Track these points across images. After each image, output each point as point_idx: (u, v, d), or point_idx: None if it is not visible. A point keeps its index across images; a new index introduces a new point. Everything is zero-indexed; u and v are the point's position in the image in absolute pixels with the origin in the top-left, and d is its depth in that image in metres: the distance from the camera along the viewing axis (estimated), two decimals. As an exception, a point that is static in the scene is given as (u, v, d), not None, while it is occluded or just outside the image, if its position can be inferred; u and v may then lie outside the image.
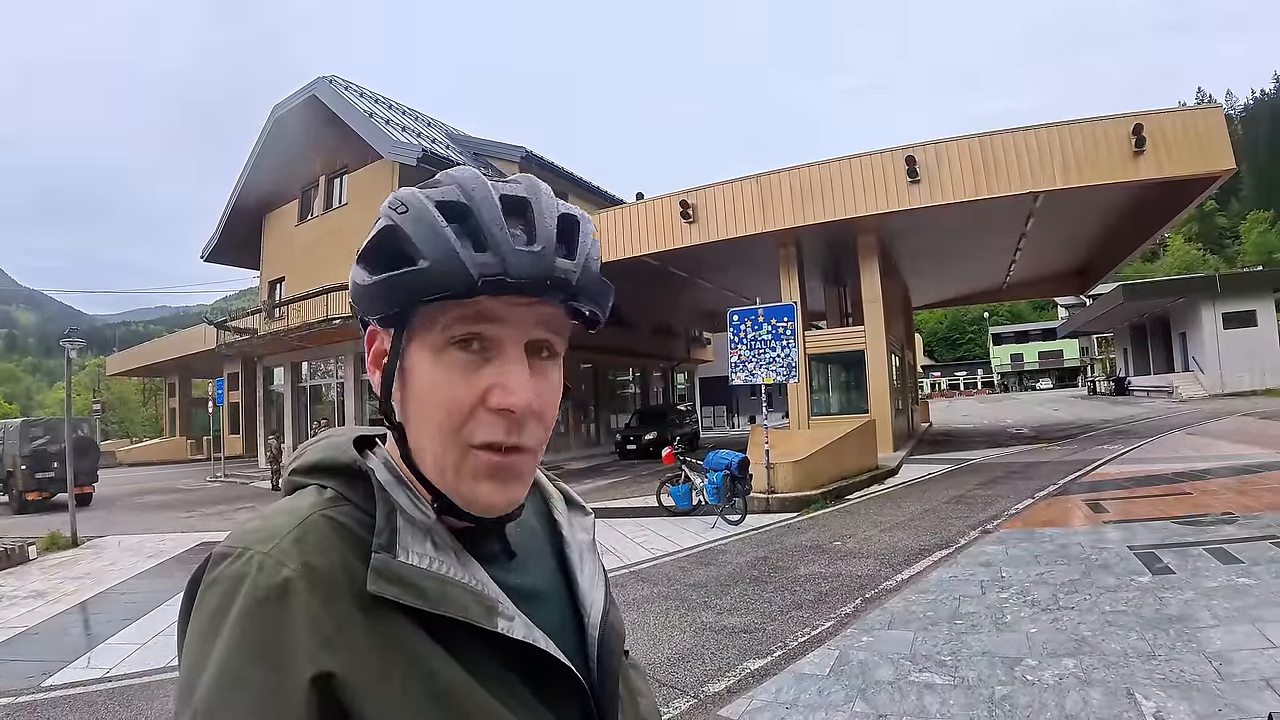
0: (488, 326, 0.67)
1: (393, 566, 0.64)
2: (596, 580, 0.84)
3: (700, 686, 4.66)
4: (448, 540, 0.70)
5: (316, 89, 24.63)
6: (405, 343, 0.69)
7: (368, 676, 0.60)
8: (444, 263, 0.65)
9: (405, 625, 0.63)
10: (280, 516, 0.67)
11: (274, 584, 0.60)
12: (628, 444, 25.45)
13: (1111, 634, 4.78)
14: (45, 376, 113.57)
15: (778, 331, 12.99)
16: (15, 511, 18.65)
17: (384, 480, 0.71)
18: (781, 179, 17.67)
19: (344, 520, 0.68)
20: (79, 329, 15.67)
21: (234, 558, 0.63)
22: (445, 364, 0.67)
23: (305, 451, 0.78)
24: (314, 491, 0.72)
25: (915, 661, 4.63)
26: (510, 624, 0.67)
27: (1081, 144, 14.97)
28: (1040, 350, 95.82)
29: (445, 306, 0.66)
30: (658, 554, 9.02)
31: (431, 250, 0.65)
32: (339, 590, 0.62)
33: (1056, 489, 11.31)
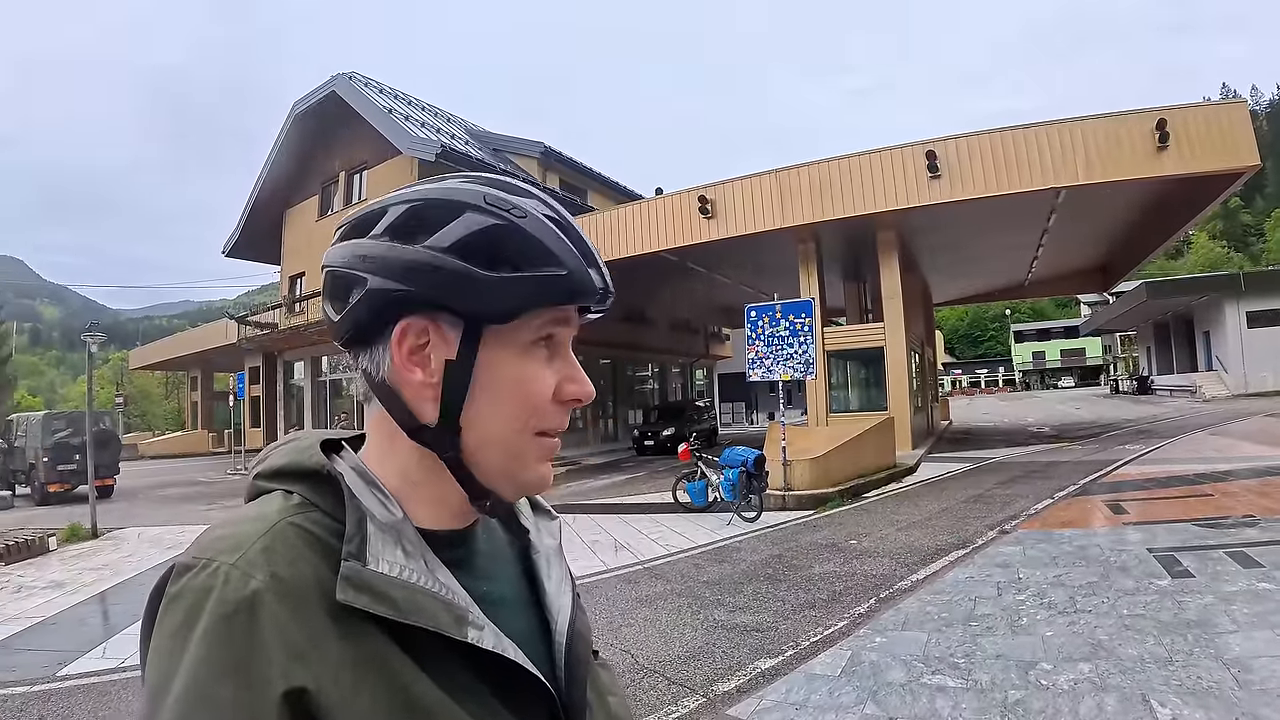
0: (564, 329, 0.73)
1: (363, 575, 0.63)
2: (563, 586, 0.83)
3: (710, 685, 4.63)
4: (418, 546, 0.68)
5: (336, 85, 24.76)
6: (483, 339, 0.69)
7: (340, 690, 0.58)
8: (579, 272, 0.69)
9: (376, 635, 0.62)
10: (246, 524, 0.65)
11: (241, 597, 0.58)
12: (645, 440, 25.43)
13: (1128, 638, 4.72)
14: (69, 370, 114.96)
15: (796, 328, 12.92)
16: (37, 503, 18.91)
17: (353, 484, 0.69)
18: (800, 174, 17.57)
19: (312, 528, 0.66)
20: (101, 323, 15.82)
21: (199, 569, 0.60)
22: (533, 359, 0.71)
23: (270, 455, 0.76)
24: (280, 497, 0.70)
25: (928, 663, 4.59)
26: (480, 633, 0.66)
27: (1104, 139, 14.77)
28: (1062, 348, 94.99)
29: (543, 310, 0.70)
30: (672, 550, 9.01)
31: (566, 259, 0.69)
32: (309, 601, 0.61)
33: (1076, 489, 11.19)
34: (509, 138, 29.82)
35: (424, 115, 27.23)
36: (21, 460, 20.22)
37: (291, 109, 26.95)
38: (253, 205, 29.80)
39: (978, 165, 15.53)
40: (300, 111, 26.51)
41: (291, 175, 28.72)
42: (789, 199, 17.61)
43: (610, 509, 12.97)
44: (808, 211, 17.41)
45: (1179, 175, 14.76)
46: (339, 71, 25.12)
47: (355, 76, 25.23)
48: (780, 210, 17.72)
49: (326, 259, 0.73)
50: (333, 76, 25.10)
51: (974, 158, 15.57)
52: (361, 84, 25.02)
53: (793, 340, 12.92)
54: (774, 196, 17.82)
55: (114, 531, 13.05)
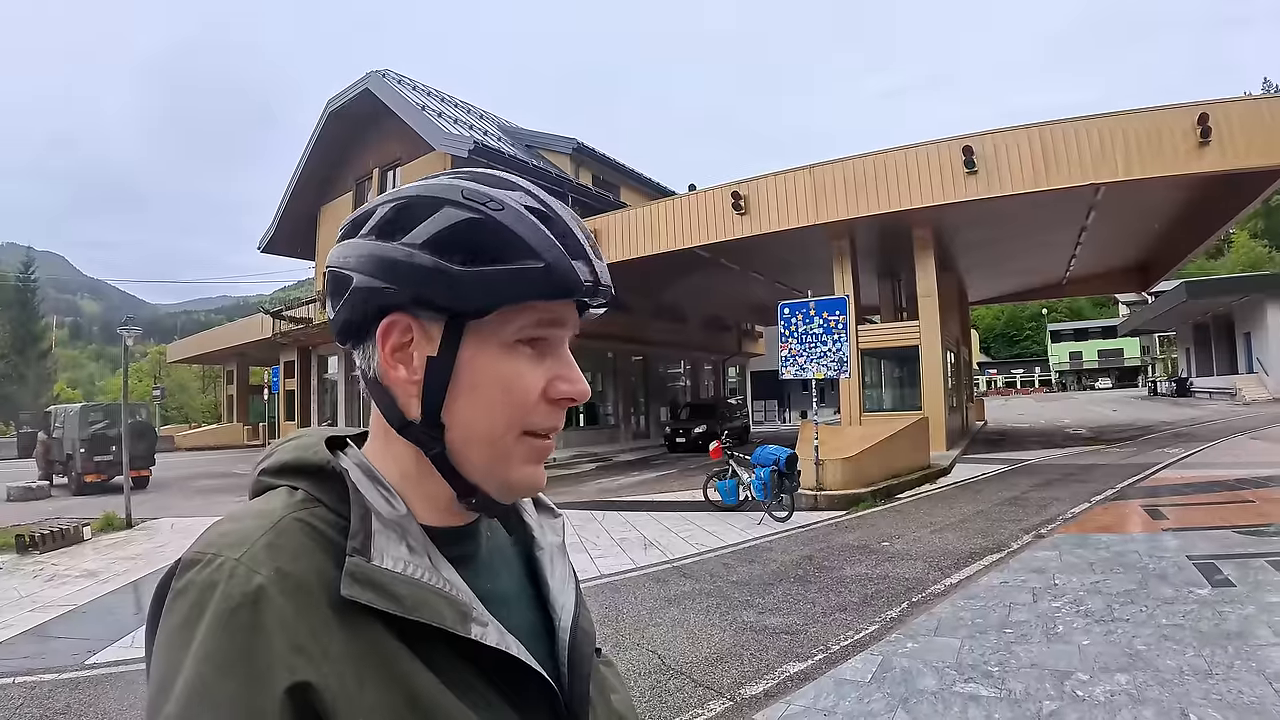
0: (556, 328, 0.71)
1: (367, 570, 0.63)
2: (567, 583, 0.83)
3: (737, 689, 4.60)
4: (422, 542, 0.69)
5: (369, 83, 24.93)
6: (464, 337, 0.69)
7: (343, 684, 0.58)
8: (558, 264, 0.67)
9: (380, 631, 0.62)
10: (251, 520, 0.65)
11: (246, 591, 0.58)
12: (677, 437, 25.47)
13: (1167, 649, 4.60)
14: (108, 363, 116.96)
15: (829, 325, 12.82)
16: (74, 493, 19.26)
17: (358, 481, 0.70)
18: (834, 170, 17.43)
19: (316, 523, 0.67)
20: (137, 318, 16.07)
21: (204, 564, 0.61)
22: (517, 359, 0.69)
23: (275, 451, 0.76)
24: (285, 493, 0.70)
25: (961, 671, 4.51)
26: (484, 630, 0.67)
27: (1144, 134, 14.44)
28: (1100, 348, 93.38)
29: (526, 306, 0.68)
30: (702, 549, 8.98)
31: (546, 252, 0.67)
32: (313, 596, 0.61)
33: (1114, 493, 10.99)
34: (542, 134, 29.90)
35: (456, 112, 27.36)
36: (59, 451, 20.67)
37: (326, 106, 27.20)
38: (288, 202, 30.15)
39: (1015, 161, 15.26)
40: (334, 109, 26.74)
41: (326, 172, 29.02)
42: (823, 195, 17.48)
43: (640, 506, 12.98)
44: (842, 208, 17.26)
45: (1220, 172, 14.42)
46: (372, 69, 25.27)
47: (389, 74, 25.39)
48: (814, 206, 17.59)
49: (328, 258, 0.74)
50: (366, 74, 25.26)
51: (1011, 153, 15.30)
52: (395, 81, 25.17)
53: (826, 338, 12.82)
54: (808, 193, 17.69)
55: (148, 521, 13.27)
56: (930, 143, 16.24)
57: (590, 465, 22.30)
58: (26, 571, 9.66)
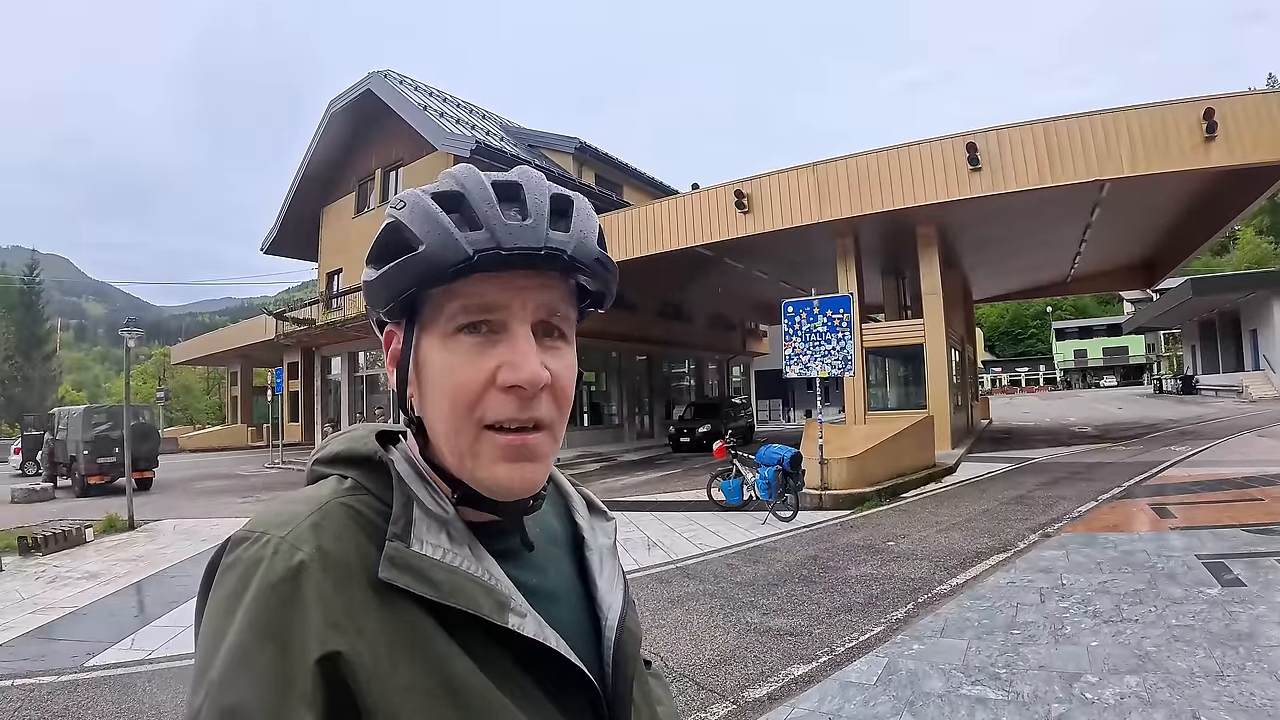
0: (494, 313, 0.70)
1: (405, 555, 0.66)
2: (615, 584, 0.84)
3: (740, 692, 4.55)
4: (464, 534, 0.71)
5: (371, 83, 24.91)
6: (416, 335, 0.72)
7: (376, 661, 0.61)
8: (440, 244, 0.67)
9: (417, 614, 0.64)
10: (299, 503, 0.69)
11: (288, 567, 0.62)
12: (681, 437, 25.44)
13: (1177, 650, 4.53)
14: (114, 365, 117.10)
15: (833, 323, 12.77)
16: (78, 495, 19.20)
17: (403, 472, 0.73)
18: (838, 168, 17.33)
19: (361, 508, 0.70)
20: (140, 320, 16.09)
21: (251, 541, 0.65)
22: (453, 348, 0.70)
23: (329, 443, 0.80)
24: (334, 481, 0.74)
25: (968, 673, 4.45)
26: (522, 621, 0.68)
27: (1150, 130, 14.31)
28: (1105, 346, 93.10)
29: (451, 294, 0.69)
30: (706, 550, 8.93)
31: (428, 236, 0.68)
32: (352, 575, 0.64)
33: (1120, 491, 10.91)
34: (544, 134, 29.87)
35: (459, 112, 27.34)
36: (63, 453, 20.67)
37: (328, 107, 27.20)
38: (290, 203, 30.16)
39: (1019, 158, 15.14)
40: (336, 109, 26.74)
41: (328, 173, 29.01)
42: (826, 193, 17.39)
43: (644, 506, 12.93)
44: (845, 206, 17.17)
45: (1226, 167, 14.30)
46: (374, 69, 25.25)
47: (390, 74, 25.37)
48: (817, 204, 17.50)
49: None
50: (368, 74, 25.24)
51: (1016, 150, 15.18)
52: (396, 81, 25.16)
53: (831, 336, 12.77)
54: (811, 191, 17.60)
55: (150, 523, 13.26)
56: (934, 140, 16.13)
57: (594, 465, 22.27)
58: (29, 573, 9.63)
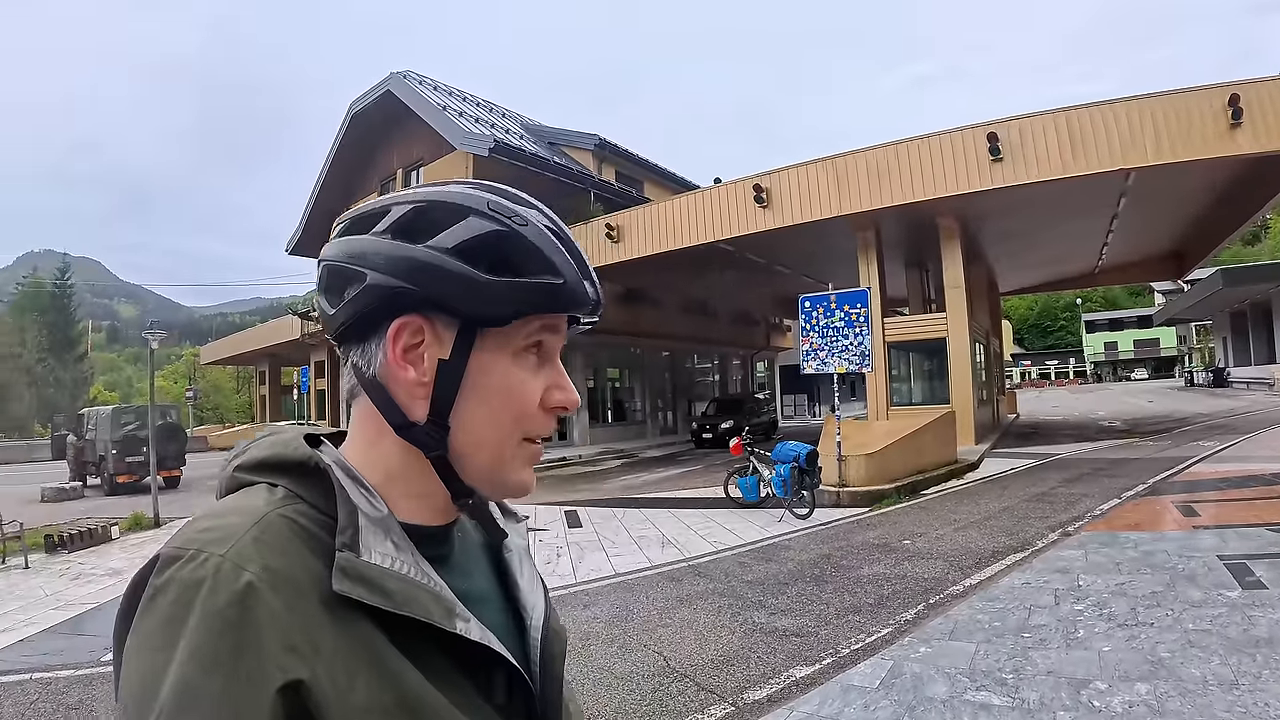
0: (554, 337, 0.74)
1: (358, 566, 0.63)
2: (535, 585, 0.84)
3: (740, 693, 4.49)
4: (405, 539, 0.69)
5: (391, 84, 25.04)
6: (480, 343, 0.70)
7: (335, 681, 0.58)
8: (575, 283, 0.71)
9: (369, 627, 0.62)
10: (234, 516, 0.64)
11: (235, 589, 0.57)
12: (703, 433, 25.42)
13: (1192, 656, 4.36)
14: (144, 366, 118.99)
15: (850, 318, 12.63)
16: (107, 493, 19.52)
17: (341, 478, 0.69)
18: (857, 160, 17.10)
19: (300, 520, 0.66)
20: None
21: (186, 560, 0.59)
22: (523, 366, 0.71)
23: (250, 448, 0.75)
24: (264, 490, 0.69)
25: (973, 678, 4.32)
26: (468, 626, 0.67)
27: (1174, 117, 13.90)
28: (1135, 338, 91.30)
29: (535, 316, 0.71)
30: (719, 548, 8.89)
31: (566, 271, 0.70)
32: (303, 592, 0.60)
33: (1145, 488, 10.64)
34: (565, 131, 29.89)
35: (478, 111, 27.39)
36: (92, 452, 20.99)
37: (349, 108, 27.35)
38: (314, 204, 30.39)
39: (1041, 147, 14.79)
40: (357, 111, 26.89)
41: (351, 173, 29.19)
42: (845, 186, 17.17)
43: (662, 503, 12.91)
44: (865, 199, 16.93)
45: (1254, 154, 13.84)
46: (393, 70, 25.36)
47: (409, 75, 25.48)
48: (836, 198, 17.29)
49: (324, 253, 0.74)
50: (388, 75, 25.37)
51: (1038, 139, 14.84)
52: (416, 82, 25.24)
53: (848, 331, 12.64)
54: (830, 184, 17.39)
55: (176, 520, 13.35)
56: (954, 130, 15.81)
57: (616, 462, 22.24)
58: (53, 570, 9.90)
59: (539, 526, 11.02)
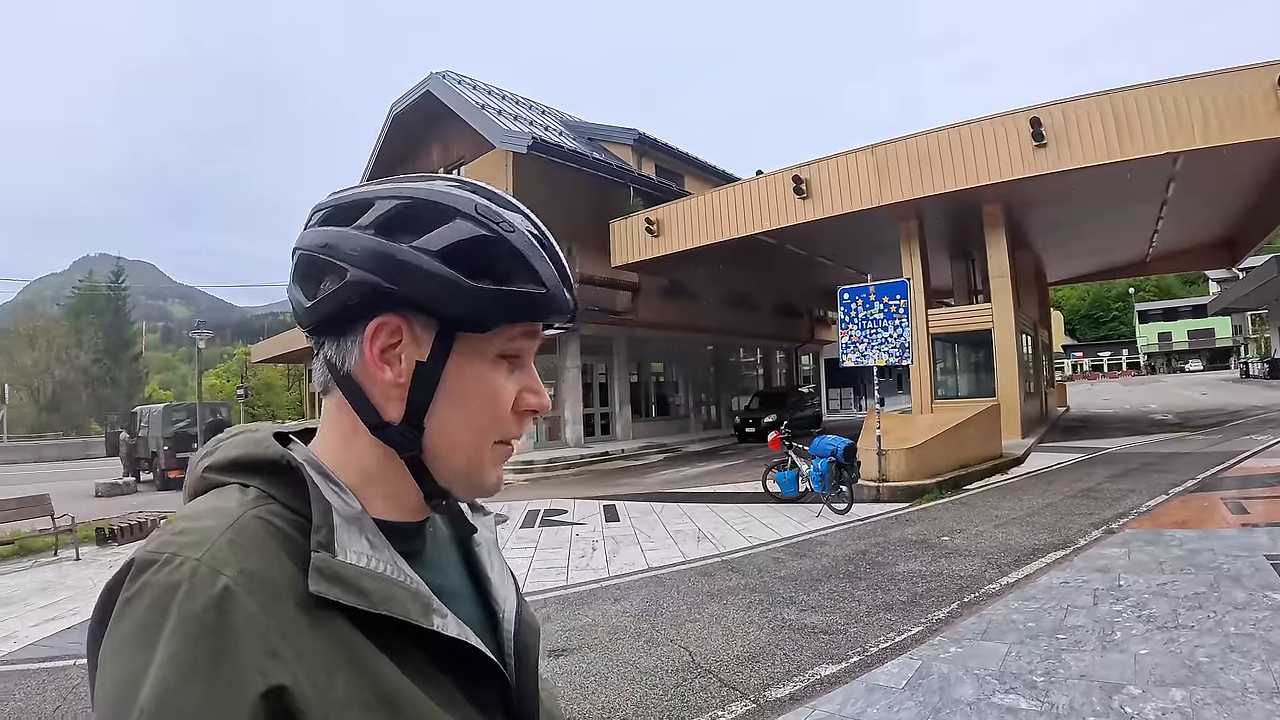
0: (531, 342, 0.74)
1: (334, 566, 0.63)
2: (505, 577, 0.84)
3: (763, 690, 4.45)
4: (379, 536, 0.68)
5: (430, 84, 25.24)
6: (459, 348, 0.70)
7: (315, 684, 0.57)
8: (555, 290, 0.71)
9: (346, 627, 0.62)
10: (207, 519, 0.63)
11: (212, 594, 0.56)
12: (746, 427, 25.29)
13: (1232, 662, 4.18)
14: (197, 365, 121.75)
15: (890, 310, 12.43)
16: (159, 489, 20.09)
17: (313, 477, 0.68)
18: (898, 149, 16.79)
19: (275, 520, 0.65)
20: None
21: (161, 564, 0.58)
22: (499, 371, 0.72)
23: (219, 448, 0.74)
24: (236, 490, 0.68)
25: (1003, 680, 4.21)
26: (445, 622, 0.67)
27: (1223, 98, 13.30)
28: (1189, 329, 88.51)
29: (518, 324, 0.71)
30: (754, 543, 8.84)
31: (549, 280, 0.71)
32: (280, 595, 0.60)
33: (1194, 484, 10.33)
34: (604, 126, 29.85)
35: (518, 109, 27.47)
36: (144, 449, 21.65)
37: (390, 109, 27.61)
38: (357, 204, 30.72)
39: (1085, 132, 14.33)
40: (398, 112, 27.12)
41: (393, 173, 29.22)
42: (886, 175, 16.88)
43: (700, 498, 12.90)
44: (906, 188, 16.62)
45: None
46: (433, 70, 25.57)
47: (449, 75, 25.64)
48: (877, 187, 17.03)
49: (299, 241, 0.73)
50: (427, 76, 25.58)
51: (1081, 124, 14.37)
52: (455, 81, 25.40)
53: (887, 323, 12.44)
54: (870, 173, 17.12)
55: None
56: (996, 116, 15.41)
57: (658, 456, 22.21)
58: (103, 562, 10.31)
59: (577, 520, 11.07)
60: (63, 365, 57.32)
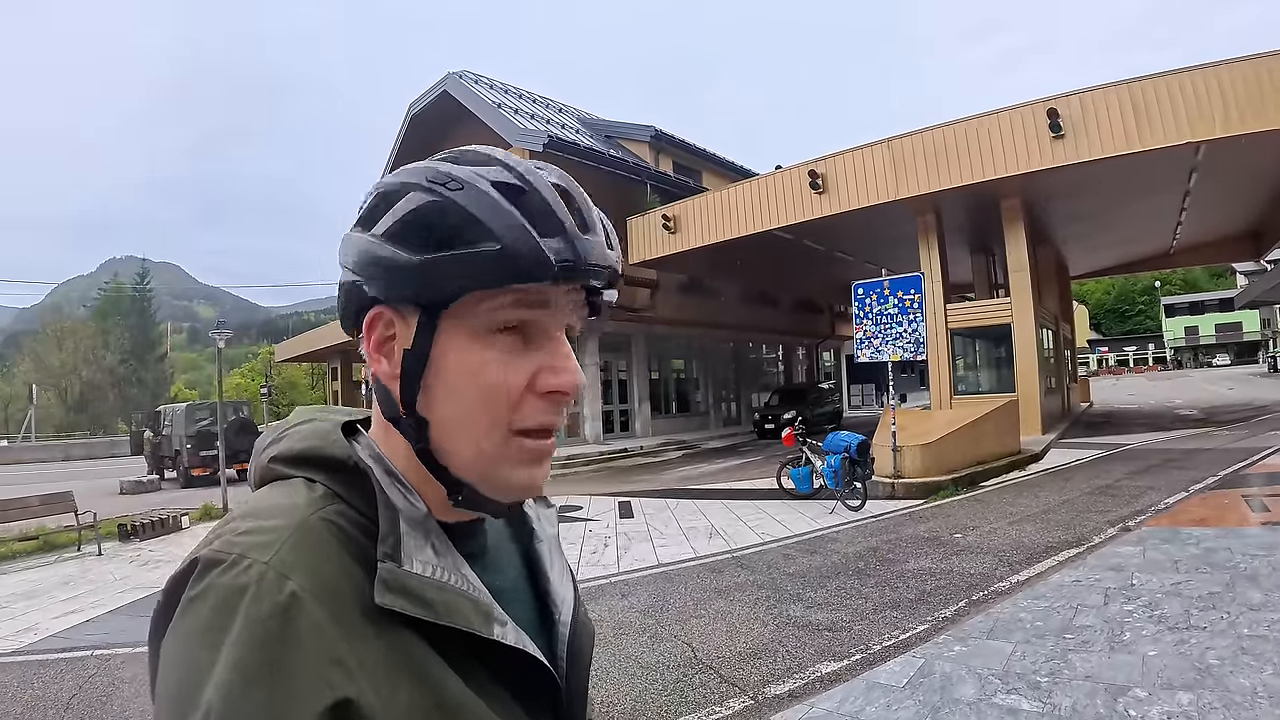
0: (541, 311, 0.66)
1: (400, 577, 0.61)
2: (565, 577, 0.81)
3: (762, 687, 4.41)
4: (444, 542, 0.67)
5: (448, 84, 25.43)
6: (440, 327, 0.65)
7: (379, 696, 0.56)
8: (521, 247, 0.62)
9: (410, 637, 0.60)
10: (275, 517, 0.62)
11: (279, 600, 0.55)
12: (765, 423, 25.19)
13: (1243, 665, 4.06)
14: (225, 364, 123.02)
15: (904, 305, 12.32)
16: (182, 486, 20.48)
17: (380, 478, 0.66)
18: (914, 142, 16.61)
19: (343, 524, 0.64)
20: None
21: (228, 565, 0.56)
22: (495, 348, 0.65)
23: (286, 437, 0.73)
24: (303, 487, 0.67)
25: (1005, 680, 4.13)
26: (504, 630, 0.65)
27: (1243, 85, 13.00)
28: (1217, 322, 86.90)
29: (496, 291, 0.63)
30: (766, 539, 8.81)
31: (506, 234, 0.62)
32: (346, 604, 0.58)
33: (1215, 481, 10.13)
34: (620, 123, 29.90)
35: (535, 108, 27.55)
36: (168, 447, 21.96)
37: (408, 110, 27.78)
38: (377, 203, 30.97)
39: (1104, 122, 14.08)
40: (415, 112, 27.31)
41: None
42: (902, 169, 16.71)
43: (716, 494, 12.90)
44: (923, 181, 16.45)
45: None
46: (450, 71, 25.70)
47: (465, 74, 25.81)
48: (894, 181, 16.86)
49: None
50: (445, 76, 25.76)
51: (1100, 114, 14.12)
52: (471, 81, 25.54)
53: (902, 318, 12.34)
54: (887, 167, 16.97)
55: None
56: (1013, 108, 15.21)
57: (676, 453, 22.21)
58: (125, 557, 10.57)
59: (591, 517, 11.07)
60: (89, 366, 58.21)
